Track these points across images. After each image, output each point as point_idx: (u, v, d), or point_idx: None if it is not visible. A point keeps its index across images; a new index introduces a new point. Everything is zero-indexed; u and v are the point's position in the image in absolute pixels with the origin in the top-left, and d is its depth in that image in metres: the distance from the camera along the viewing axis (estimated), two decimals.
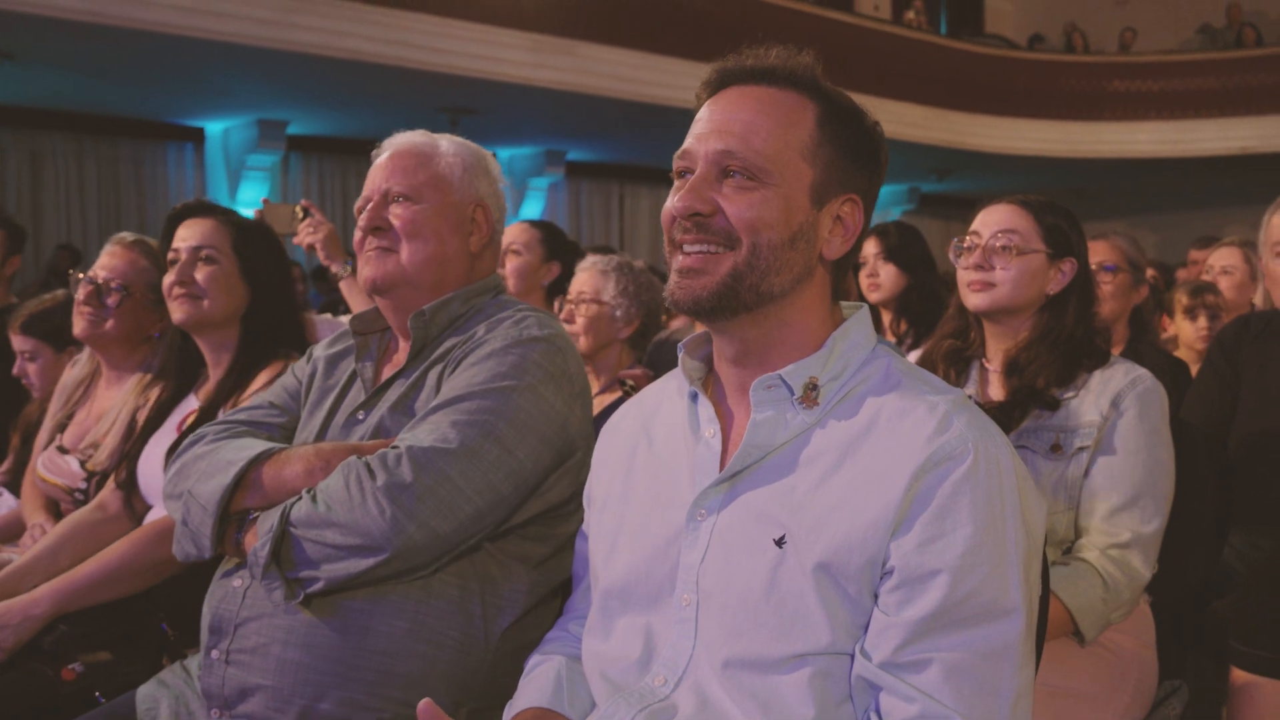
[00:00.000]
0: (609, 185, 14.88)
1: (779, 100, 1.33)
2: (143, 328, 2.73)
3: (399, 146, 1.91)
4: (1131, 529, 2.01)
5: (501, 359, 1.71)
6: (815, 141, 1.33)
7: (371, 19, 9.17)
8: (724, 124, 1.32)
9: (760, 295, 1.31)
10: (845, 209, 1.36)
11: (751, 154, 1.30)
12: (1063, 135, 14.98)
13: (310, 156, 12.28)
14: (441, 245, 1.85)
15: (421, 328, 1.83)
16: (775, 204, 1.30)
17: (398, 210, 1.84)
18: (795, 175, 1.31)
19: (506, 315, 1.82)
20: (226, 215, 2.45)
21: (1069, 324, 2.17)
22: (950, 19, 18.37)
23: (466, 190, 1.90)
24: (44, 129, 10.84)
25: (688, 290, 1.31)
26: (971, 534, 1.21)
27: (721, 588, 1.30)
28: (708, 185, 1.31)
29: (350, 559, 1.58)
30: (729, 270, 1.30)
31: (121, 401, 2.67)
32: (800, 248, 1.32)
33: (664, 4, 11.44)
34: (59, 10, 7.65)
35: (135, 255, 2.74)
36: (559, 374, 1.75)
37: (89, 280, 2.69)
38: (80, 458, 2.66)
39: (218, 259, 2.37)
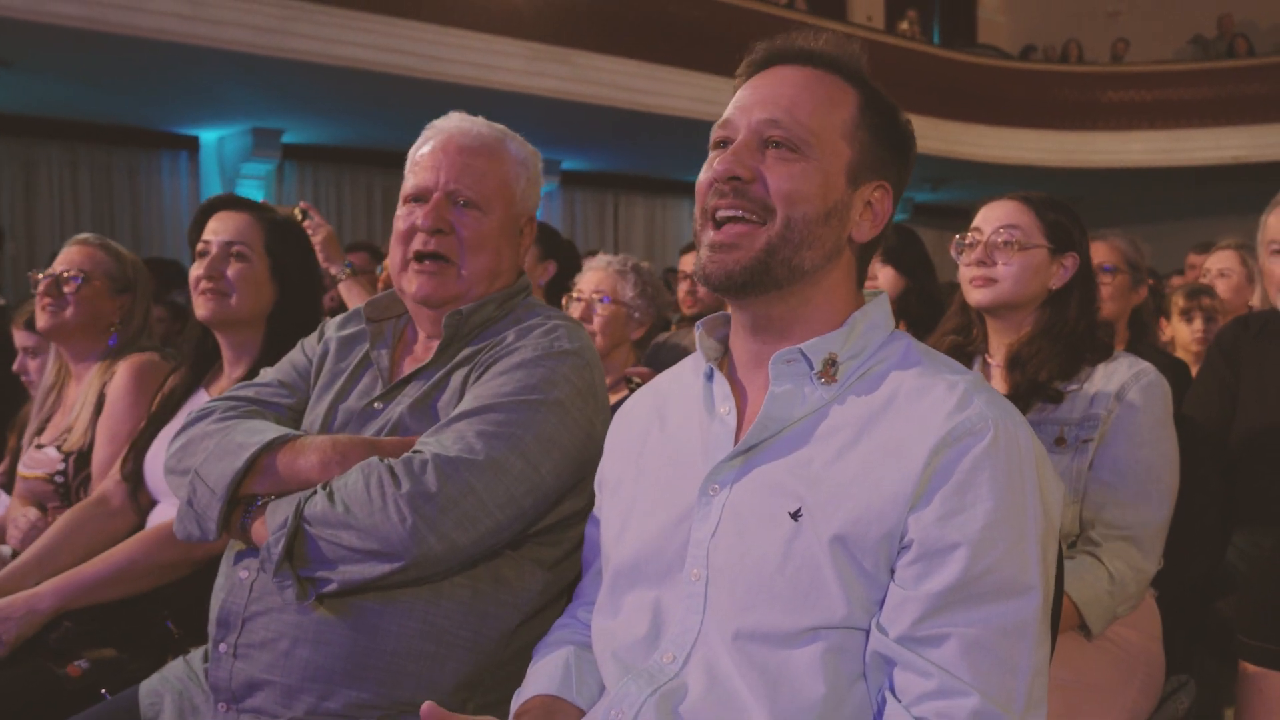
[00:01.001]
0: (604, 194, 14.87)
1: (824, 81, 1.36)
2: (102, 316, 2.74)
3: (468, 139, 1.81)
4: (1137, 522, 2.02)
5: (531, 371, 1.68)
6: (855, 124, 1.35)
7: (368, 26, 9.17)
8: (769, 97, 1.34)
9: (792, 270, 1.32)
10: (876, 195, 1.38)
11: (796, 125, 1.32)
12: (1057, 145, 15.03)
13: (305, 165, 12.27)
14: (498, 260, 1.82)
15: (455, 327, 1.79)
16: (814, 178, 1.31)
17: (465, 219, 1.78)
18: (834, 152, 1.33)
19: (536, 323, 1.78)
20: (261, 211, 2.42)
21: (1071, 318, 2.18)
22: (943, 29, 18.43)
23: (526, 202, 1.86)
24: (38, 137, 10.80)
25: (720, 265, 1.32)
26: (991, 509, 1.21)
27: (733, 562, 1.29)
28: (749, 152, 1.33)
29: (366, 563, 1.55)
30: (764, 245, 1.31)
31: (87, 385, 2.70)
32: (833, 225, 1.33)
33: (659, 14, 11.47)
34: (57, 17, 7.63)
35: (93, 249, 2.77)
36: (586, 389, 1.73)
37: (48, 275, 2.72)
38: (56, 444, 2.68)
39: (249, 256, 2.35)
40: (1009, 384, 2.18)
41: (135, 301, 2.80)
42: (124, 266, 2.80)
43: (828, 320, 1.36)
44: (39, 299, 2.72)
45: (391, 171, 12.16)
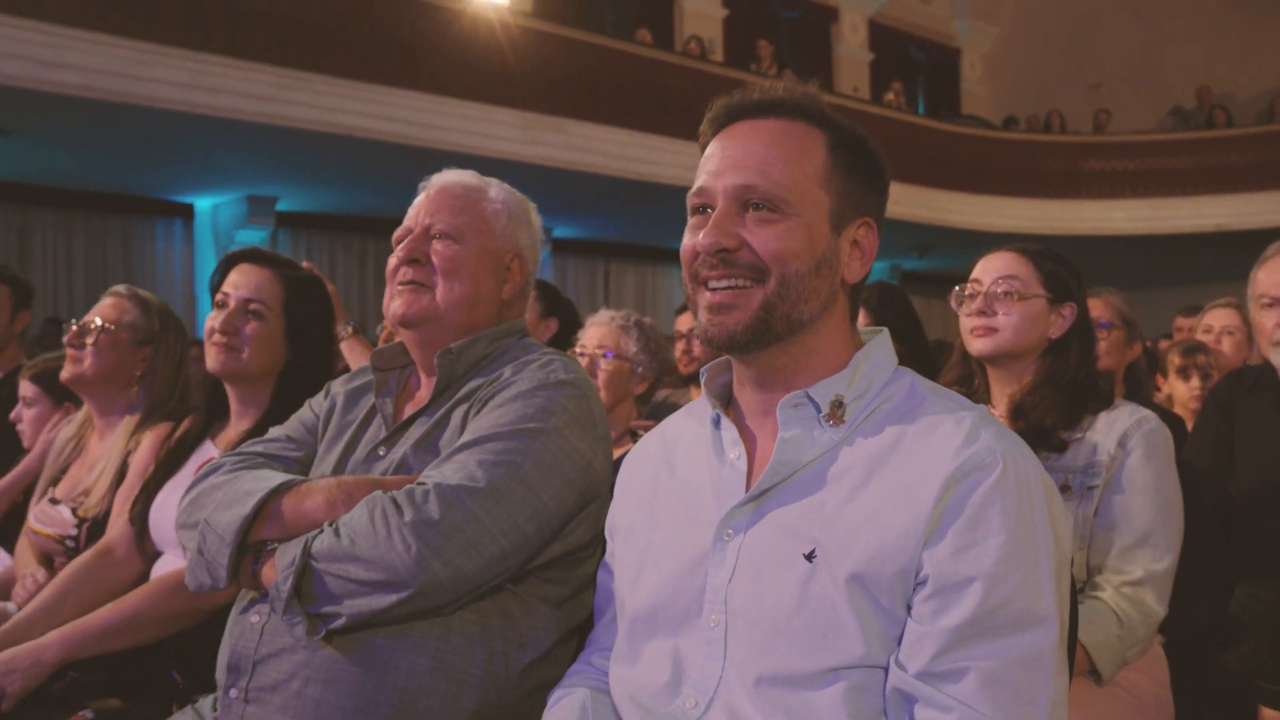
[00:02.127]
0: (595, 262, 14.99)
1: (789, 131, 1.37)
2: (124, 367, 2.73)
3: (448, 183, 1.92)
4: (1144, 566, 2.03)
5: (529, 401, 1.71)
6: (828, 169, 1.36)
7: (365, 95, 9.31)
8: (739, 159, 1.35)
9: (791, 324, 1.34)
10: (861, 233, 1.40)
11: (772, 186, 1.33)
12: (1041, 213, 15.25)
13: (299, 233, 12.35)
14: (476, 288, 1.86)
15: (448, 366, 1.83)
16: (799, 234, 1.33)
17: (439, 247, 1.85)
18: (814, 204, 1.35)
19: (533, 358, 1.83)
20: (284, 268, 2.44)
21: (1071, 367, 2.21)
22: (928, 100, 18.79)
23: (507, 238, 1.92)
24: (33, 204, 10.87)
25: (721, 326, 1.34)
26: (1004, 542, 1.22)
27: (751, 605, 1.30)
28: (730, 220, 1.34)
29: (373, 595, 1.56)
30: (760, 303, 1.32)
31: (112, 446, 2.68)
32: (824, 274, 1.35)
33: (650, 84, 11.67)
34: (57, 85, 7.73)
35: (120, 300, 2.78)
36: (584, 418, 1.75)
37: (74, 326, 2.74)
38: (72, 505, 2.65)
39: (265, 315, 2.36)
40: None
41: (159, 354, 2.77)
42: (150, 318, 2.78)
43: (830, 363, 1.38)
44: (66, 349, 2.73)
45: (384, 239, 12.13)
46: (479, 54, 10.17)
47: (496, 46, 10.27)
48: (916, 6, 18.80)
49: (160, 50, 8.22)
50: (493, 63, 10.25)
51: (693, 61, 12.85)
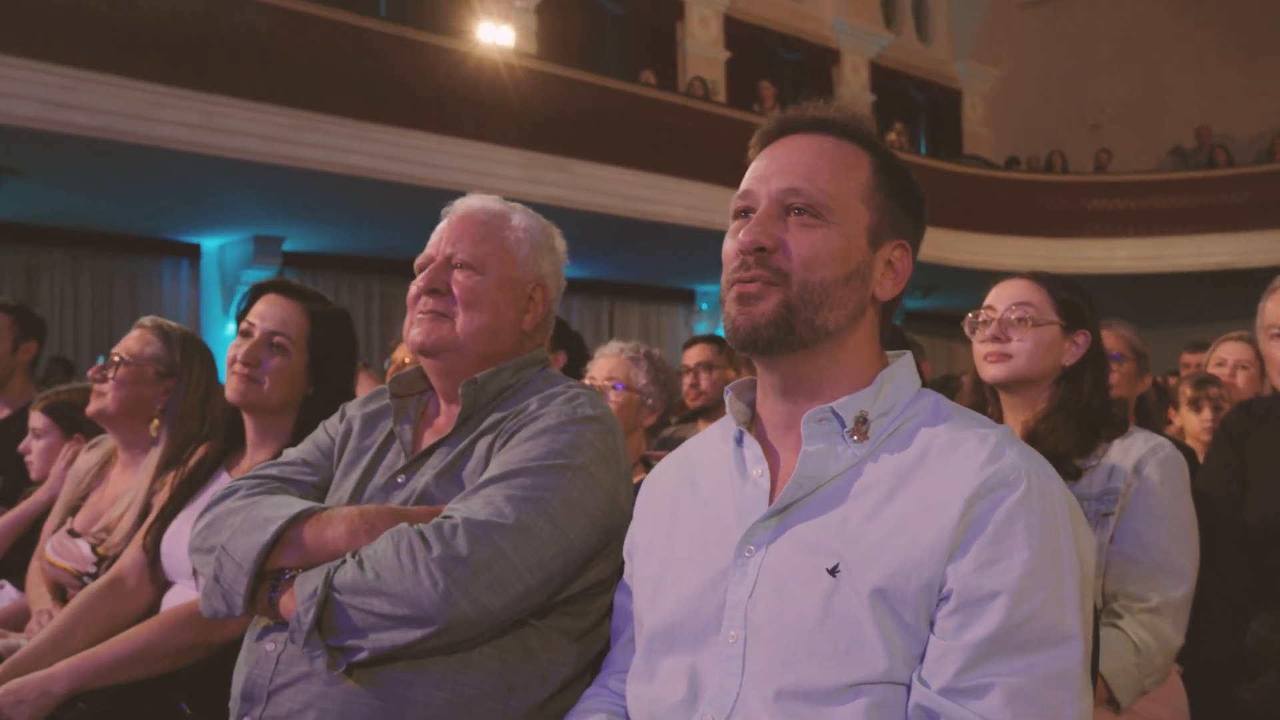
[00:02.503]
0: (599, 301, 15.02)
1: (838, 147, 1.40)
2: (147, 400, 2.71)
3: (471, 210, 1.90)
4: (1160, 594, 2.02)
5: (556, 436, 1.70)
6: (871, 187, 1.39)
7: (371, 136, 9.39)
8: (787, 165, 1.38)
9: (815, 330, 1.34)
10: (896, 254, 1.41)
11: (816, 191, 1.35)
12: (1044, 251, 15.30)
13: (305, 272, 12.38)
14: (496, 318, 1.85)
15: (472, 395, 1.82)
16: (835, 242, 1.35)
17: (460, 277, 1.83)
18: (855, 216, 1.37)
19: (558, 391, 1.81)
20: (311, 303, 2.42)
21: (1085, 395, 2.21)
22: (929, 141, 18.93)
23: (529, 267, 1.89)
24: (41, 245, 10.93)
25: (748, 316, 1.34)
26: (1029, 558, 1.22)
27: (771, 621, 1.29)
28: (772, 222, 1.36)
29: (397, 629, 1.54)
30: (780, 300, 1.33)
31: (137, 484, 2.65)
32: (855, 286, 1.36)
33: (654, 124, 11.76)
34: (69, 126, 7.80)
35: (146, 333, 2.76)
36: (610, 455, 1.74)
37: (101, 363, 2.73)
38: (92, 541, 2.62)
39: (289, 349, 2.35)
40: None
41: (182, 386, 2.73)
42: (172, 349, 2.75)
43: (855, 379, 1.38)
44: (93, 386, 2.73)
45: (390, 279, 12.30)
46: (484, 95, 10.26)
47: (501, 87, 10.36)
48: (917, 49, 18.99)
49: (171, 92, 8.30)
50: (498, 103, 10.34)
51: (696, 102, 12.96)
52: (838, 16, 17.35)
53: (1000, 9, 19.57)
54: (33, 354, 3.84)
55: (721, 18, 15.97)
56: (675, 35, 15.56)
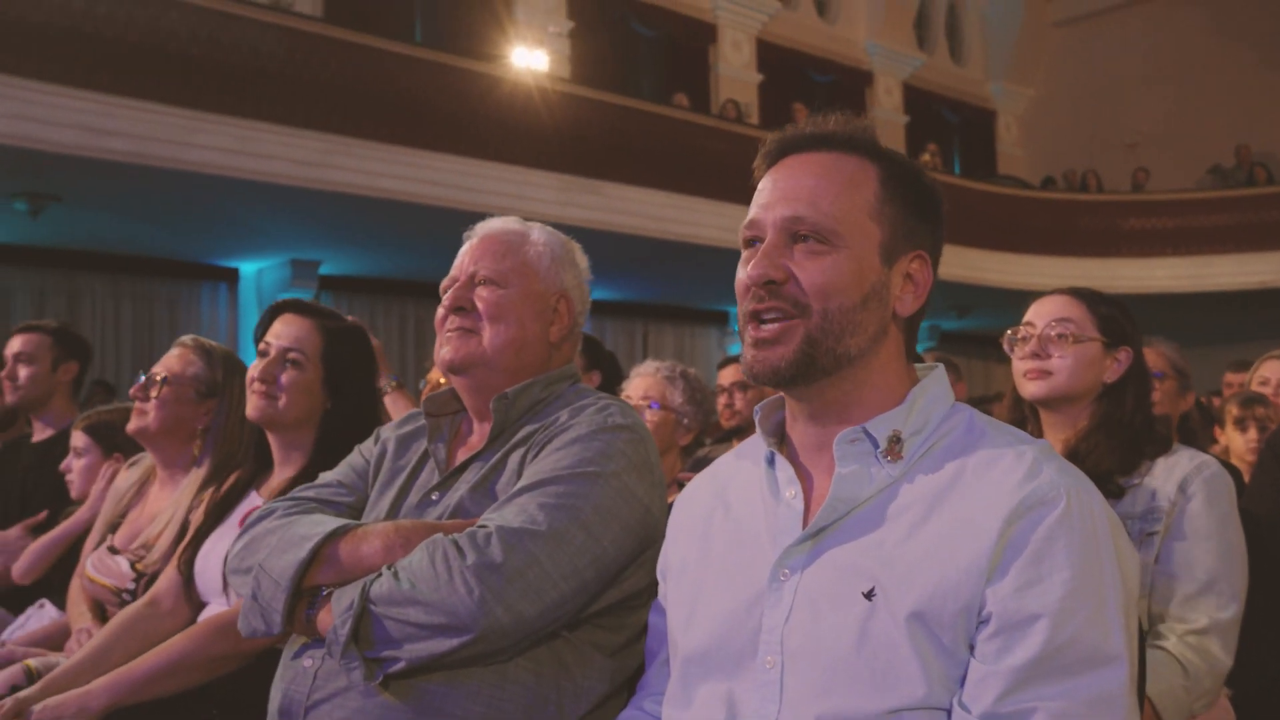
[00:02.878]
0: (633, 323, 15.03)
1: (841, 164, 1.35)
2: (187, 420, 2.73)
3: (491, 230, 1.93)
4: (1209, 615, 1.97)
5: (587, 445, 1.70)
6: (880, 201, 1.34)
7: (406, 160, 9.47)
8: (789, 191, 1.34)
9: (838, 358, 1.32)
10: (914, 266, 1.37)
11: (821, 217, 1.31)
12: (1081, 271, 15.14)
13: (341, 295, 12.49)
14: (522, 330, 1.86)
15: (503, 410, 1.83)
16: (847, 266, 1.31)
17: (483, 293, 1.86)
18: (864, 236, 1.33)
19: (588, 402, 1.82)
20: (324, 319, 2.45)
21: (1128, 412, 2.17)
22: (963, 162, 18.85)
23: (552, 279, 1.91)
24: (82, 269, 11.08)
25: (765, 362, 1.32)
26: (1070, 578, 1.19)
27: (808, 646, 1.27)
28: (779, 252, 1.33)
29: (434, 639, 1.54)
30: (803, 337, 1.31)
31: (176, 502, 2.66)
32: (873, 307, 1.33)
33: (686, 146, 11.79)
34: (108, 153, 7.92)
35: (188, 352, 2.79)
36: (642, 463, 1.74)
37: (145, 377, 2.75)
38: (131, 558, 2.63)
39: (303, 364, 2.37)
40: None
41: (224, 406, 2.75)
42: (214, 369, 2.77)
43: (886, 398, 1.35)
44: (134, 402, 2.75)
45: (424, 301, 12.36)
46: (517, 118, 10.33)
47: (534, 111, 10.42)
48: (950, 69, 18.95)
49: (208, 118, 8.41)
50: (530, 127, 10.40)
51: (728, 124, 12.99)
52: (870, 38, 17.36)
53: (1034, 28, 19.50)
54: (74, 374, 3.86)
55: (754, 41, 16.02)
56: (708, 58, 15.62)
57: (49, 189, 8.62)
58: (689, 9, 15.30)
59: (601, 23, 14.16)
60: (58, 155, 7.79)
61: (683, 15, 15.20)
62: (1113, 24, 18.80)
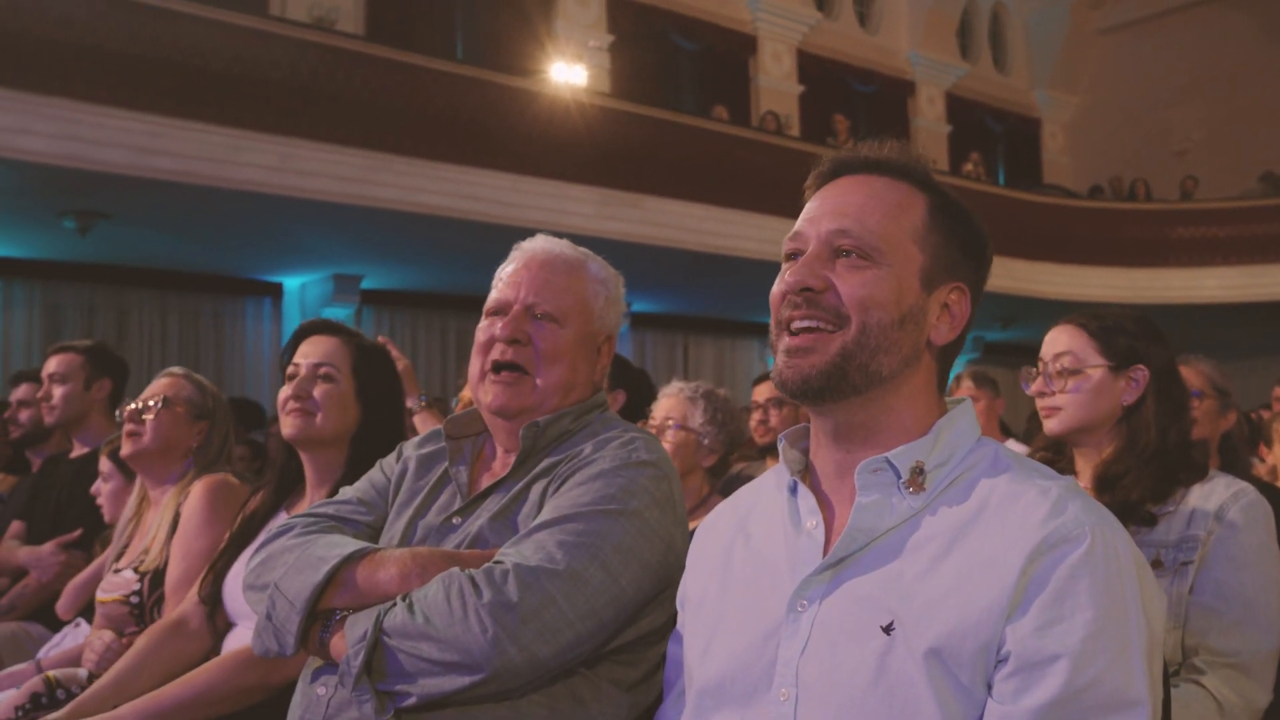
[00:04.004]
0: (674, 336, 15.01)
1: (892, 188, 1.36)
2: (180, 441, 2.85)
3: (550, 256, 1.86)
4: (1246, 648, 1.92)
5: (610, 481, 1.68)
6: (925, 228, 1.34)
7: (446, 175, 9.53)
8: (838, 206, 1.35)
9: (869, 376, 1.30)
10: (953, 297, 1.36)
11: (866, 233, 1.31)
12: (1128, 281, 14.93)
13: (383, 310, 12.60)
14: (574, 373, 1.84)
15: (532, 439, 1.80)
16: (887, 284, 1.31)
17: (543, 331, 1.81)
18: (906, 258, 1.32)
19: (614, 435, 1.79)
20: (350, 336, 2.49)
21: (1153, 433, 2.09)
22: (1008, 171, 18.66)
23: (604, 321, 1.89)
24: (131, 286, 11.26)
25: (796, 370, 1.31)
26: (1092, 619, 1.16)
27: (824, 679, 1.24)
28: (820, 263, 1.33)
29: (446, 676, 1.52)
30: (839, 349, 1.29)
31: (165, 506, 2.78)
32: (909, 329, 1.32)
33: (727, 159, 11.76)
34: (154, 171, 8.04)
35: (176, 379, 2.91)
36: (665, 500, 1.71)
37: (132, 406, 2.85)
38: (133, 565, 2.73)
39: (336, 378, 2.40)
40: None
41: (213, 429, 2.89)
42: (205, 396, 2.92)
43: (911, 428, 1.33)
44: (124, 428, 2.83)
45: (465, 315, 12.44)
46: (556, 133, 10.36)
47: (573, 125, 10.45)
48: (994, 78, 18.78)
49: (251, 136, 8.51)
50: (570, 141, 10.43)
51: (769, 136, 12.94)
52: (913, 48, 17.25)
53: (1079, 36, 19.27)
54: (108, 391, 3.92)
55: (794, 52, 15.98)
56: (748, 70, 15.60)
57: (97, 207, 8.76)
58: (729, 21, 15.30)
59: (641, 36, 14.19)
60: (105, 175, 7.92)
61: (723, 27, 15.19)
62: (1159, 30, 18.54)
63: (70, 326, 10.88)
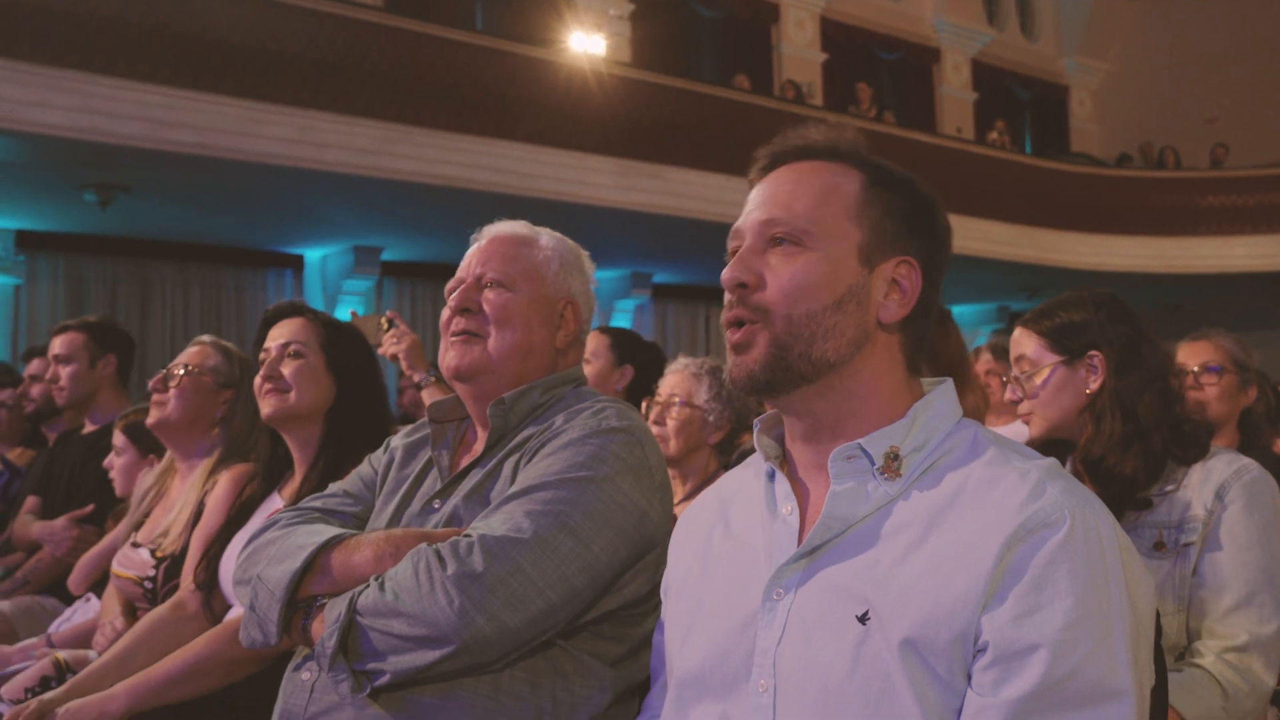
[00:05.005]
0: (695, 307, 14.98)
1: (821, 170, 1.34)
2: (206, 410, 2.82)
3: (499, 233, 1.93)
4: (1249, 630, 1.87)
5: (579, 449, 1.67)
6: (861, 203, 1.32)
7: (466, 147, 9.50)
8: (769, 196, 1.33)
9: (815, 364, 1.27)
10: (901, 271, 1.32)
11: (794, 218, 1.29)
12: (1156, 251, 14.74)
13: (403, 281, 12.63)
14: (529, 335, 1.84)
15: (501, 416, 1.80)
16: (819, 267, 1.28)
17: (490, 295, 1.84)
18: (840, 235, 1.30)
19: (585, 406, 1.78)
20: (315, 315, 2.51)
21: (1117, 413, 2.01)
22: (1035, 139, 18.42)
23: (559, 285, 1.90)
24: (153, 259, 11.33)
25: (741, 366, 1.30)
26: (1072, 606, 1.12)
27: (801, 670, 1.22)
28: (754, 256, 1.31)
29: (417, 651, 1.53)
30: (768, 341, 1.28)
31: (190, 486, 2.75)
32: (850, 310, 1.29)
33: (747, 129, 11.65)
34: (174, 144, 8.06)
35: (206, 348, 2.88)
36: (638, 466, 1.70)
37: (159, 374, 2.82)
38: (151, 547, 2.71)
39: (304, 353, 2.41)
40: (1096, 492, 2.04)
41: (240, 397, 2.83)
42: (232, 364, 2.88)
43: (883, 413, 1.30)
44: (152, 398, 2.82)
45: None
46: (575, 104, 10.31)
47: (592, 96, 10.39)
48: (1021, 45, 18.50)
49: (270, 109, 8.51)
50: (589, 112, 10.38)
51: (790, 105, 12.82)
52: (938, 15, 17.00)
53: (1108, 1, 18.95)
54: (114, 367, 3.92)
55: (818, 19, 15.78)
56: (770, 38, 15.43)
57: (117, 180, 8.80)
58: None
59: (661, 5, 14.05)
60: (124, 148, 7.94)
61: None
62: None
63: (93, 299, 10.97)
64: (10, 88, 7.44)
